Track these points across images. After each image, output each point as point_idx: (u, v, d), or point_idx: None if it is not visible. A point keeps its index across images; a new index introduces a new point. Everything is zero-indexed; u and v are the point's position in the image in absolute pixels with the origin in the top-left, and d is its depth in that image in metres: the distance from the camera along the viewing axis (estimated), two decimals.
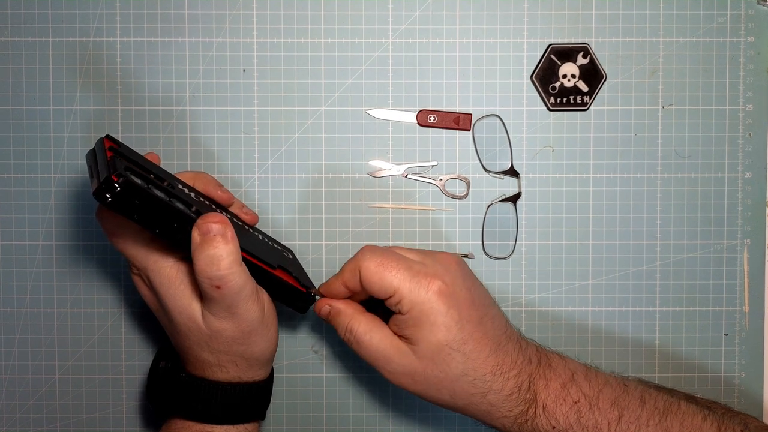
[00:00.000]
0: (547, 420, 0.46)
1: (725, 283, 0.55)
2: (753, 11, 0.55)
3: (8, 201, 0.55)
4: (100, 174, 0.41)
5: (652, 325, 0.55)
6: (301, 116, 0.55)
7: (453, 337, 0.44)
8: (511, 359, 0.46)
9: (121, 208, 0.41)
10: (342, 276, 0.47)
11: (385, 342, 0.46)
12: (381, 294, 0.45)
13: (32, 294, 0.55)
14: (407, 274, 0.45)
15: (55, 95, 0.54)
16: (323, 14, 0.54)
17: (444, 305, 0.44)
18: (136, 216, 0.41)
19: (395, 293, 0.45)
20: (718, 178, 0.55)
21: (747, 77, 0.55)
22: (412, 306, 0.44)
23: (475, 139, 0.55)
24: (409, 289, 0.44)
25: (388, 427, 0.56)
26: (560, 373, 0.47)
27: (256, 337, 0.47)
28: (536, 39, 0.55)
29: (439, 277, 0.45)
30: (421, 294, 0.44)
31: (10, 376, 0.55)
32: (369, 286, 0.45)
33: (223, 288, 0.43)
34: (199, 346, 0.46)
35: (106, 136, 0.45)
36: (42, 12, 0.54)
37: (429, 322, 0.44)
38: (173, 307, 0.46)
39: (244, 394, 0.48)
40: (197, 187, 0.49)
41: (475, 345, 0.45)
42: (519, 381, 0.45)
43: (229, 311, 0.44)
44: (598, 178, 0.55)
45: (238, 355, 0.47)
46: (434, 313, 0.44)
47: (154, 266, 0.46)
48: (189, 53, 0.54)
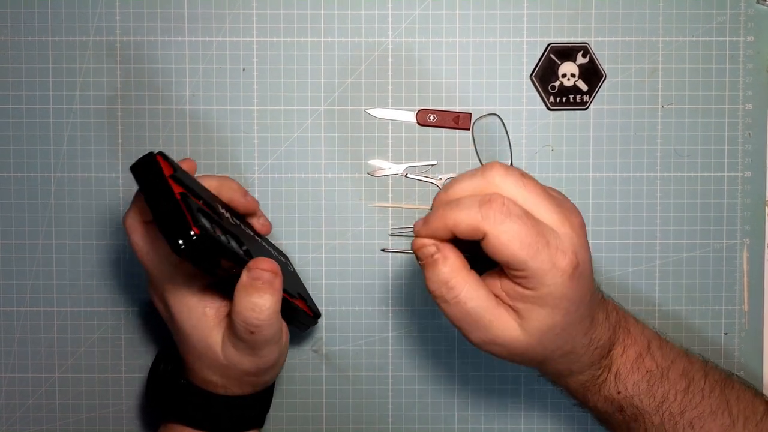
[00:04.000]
0: (616, 385, 0.44)
1: (725, 283, 0.55)
2: (752, 10, 0.55)
3: (8, 200, 0.55)
4: (172, 219, 0.37)
5: (652, 324, 0.55)
6: (301, 115, 0.55)
7: (568, 320, 0.41)
8: (601, 330, 0.43)
9: (194, 257, 0.38)
10: (456, 226, 0.39)
11: (490, 312, 0.40)
12: (507, 265, 0.39)
13: (32, 293, 0.55)
14: (544, 254, 0.39)
15: (55, 94, 0.54)
16: (323, 13, 0.54)
17: (573, 289, 0.40)
18: (203, 264, 0.39)
19: (524, 269, 0.39)
20: (718, 177, 0.55)
21: (747, 76, 0.55)
22: (539, 286, 0.39)
23: (475, 139, 0.55)
24: (542, 271, 0.39)
25: (388, 427, 0.56)
26: (637, 339, 0.45)
27: (269, 371, 0.47)
28: (536, 38, 0.55)
29: (574, 255, 0.39)
30: (555, 277, 0.39)
31: (9, 376, 0.55)
32: (493, 254, 0.39)
33: (257, 334, 0.43)
34: (210, 370, 0.46)
35: (159, 154, 0.41)
36: (42, 11, 0.54)
37: (552, 305, 0.40)
38: (191, 334, 0.45)
39: (244, 405, 0.48)
40: (222, 196, 0.48)
41: (579, 325, 0.42)
42: (603, 351, 0.44)
43: (252, 351, 0.44)
44: (598, 178, 0.55)
45: (245, 383, 0.47)
46: (560, 297, 0.40)
47: (178, 292, 0.45)
48: (189, 52, 0.54)
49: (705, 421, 0.45)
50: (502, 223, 0.38)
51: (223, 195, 0.48)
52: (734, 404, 0.46)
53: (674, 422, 0.45)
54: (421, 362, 0.56)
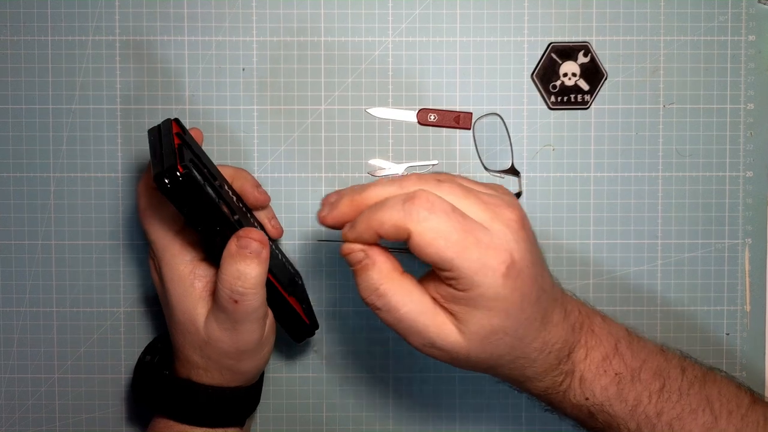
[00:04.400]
0: (582, 392, 0.42)
1: (726, 283, 0.55)
2: (754, 10, 0.54)
3: (7, 200, 0.55)
4: (164, 159, 0.41)
5: (654, 324, 0.55)
6: (301, 115, 0.55)
7: (510, 324, 0.39)
8: (556, 332, 0.41)
9: (176, 197, 0.41)
10: (380, 227, 0.38)
11: (426, 317, 0.39)
12: (434, 265, 0.38)
13: (32, 293, 0.55)
14: (473, 252, 0.37)
15: (55, 94, 0.54)
16: (323, 13, 0.54)
17: (509, 289, 0.38)
18: (185, 209, 0.42)
19: (453, 269, 0.37)
20: (720, 177, 0.55)
21: (748, 76, 0.55)
22: (471, 287, 0.37)
23: (476, 138, 0.55)
24: (472, 270, 0.37)
25: (389, 427, 0.56)
26: (603, 340, 0.42)
27: (248, 357, 0.46)
28: (537, 37, 0.54)
29: (508, 252, 0.37)
30: (487, 277, 0.37)
31: (9, 376, 0.55)
32: (419, 254, 0.37)
33: (240, 304, 0.43)
34: (191, 347, 0.46)
35: (175, 119, 0.45)
36: (41, 11, 0.54)
37: (487, 307, 0.38)
38: (177, 304, 0.46)
39: (225, 399, 0.47)
40: (235, 185, 0.49)
41: (527, 327, 0.39)
42: (560, 355, 0.41)
43: (233, 325, 0.44)
44: (599, 177, 0.55)
45: (225, 367, 0.47)
46: (496, 298, 0.38)
47: (171, 260, 0.46)
48: (188, 52, 0.54)
49: (685, 421, 0.42)
50: (426, 220, 0.37)
51: (236, 184, 0.49)
52: (716, 400, 0.43)
53: (651, 425, 0.42)
54: (422, 362, 0.55)
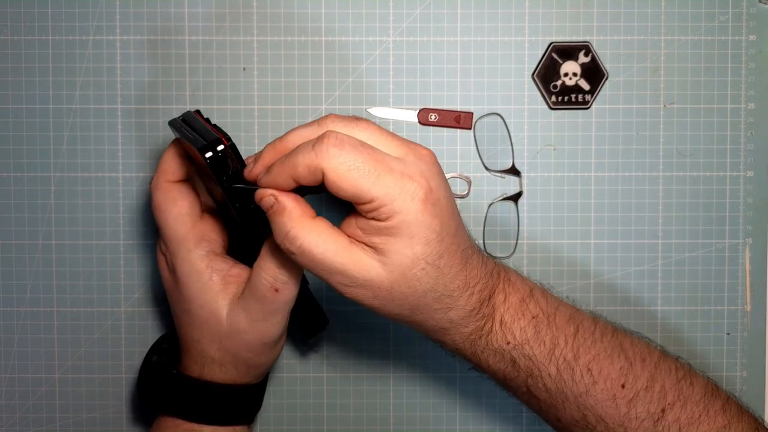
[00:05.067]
0: (503, 334, 0.43)
1: (727, 282, 0.55)
2: (754, 9, 0.55)
3: (8, 200, 0.55)
4: (206, 135, 0.42)
5: (654, 324, 0.55)
6: (302, 115, 0.54)
7: (431, 251, 0.39)
8: (477, 272, 0.42)
9: (221, 167, 0.41)
10: (294, 171, 0.39)
11: (343, 255, 0.39)
12: (353, 200, 0.39)
13: (32, 293, 0.55)
14: (388, 179, 0.38)
15: (55, 94, 0.54)
16: (323, 12, 0.54)
17: (429, 215, 0.39)
18: (227, 182, 0.42)
19: (372, 201, 0.38)
20: (720, 176, 0.55)
21: (749, 75, 0.55)
22: (392, 215, 0.38)
23: (476, 138, 0.55)
24: (390, 197, 0.38)
25: (389, 427, 0.56)
26: (519, 287, 0.44)
27: (267, 351, 0.46)
28: (537, 37, 0.54)
29: (425, 180, 0.39)
30: (406, 202, 0.38)
31: (9, 376, 0.55)
32: (337, 192, 0.38)
33: (280, 293, 0.43)
34: (209, 340, 0.46)
35: (197, 111, 0.45)
36: (41, 11, 0.54)
37: (409, 234, 0.39)
38: (195, 299, 0.45)
39: (233, 396, 0.47)
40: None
41: (448, 258, 0.40)
42: (482, 297, 0.42)
43: (265, 316, 0.44)
44: (600, 177, 0.55)
45: (242, 361, 0.46)
46: (417, 224, 0.38)
47: (187, 255, 0.45)
48: (189, 52, 0.54)
49: (602, 365, 0.44)
50: (337, 156, 0.38)
51: None
52: (629, 348, 0.45)
53: (570, 369, 0.43)
54: (422, 362, 0.55)
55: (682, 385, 0.45)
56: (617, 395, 0.44)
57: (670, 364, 0.46)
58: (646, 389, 0.44)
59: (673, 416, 0.44)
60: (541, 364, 0.43)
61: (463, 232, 0.42)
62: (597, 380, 0.44)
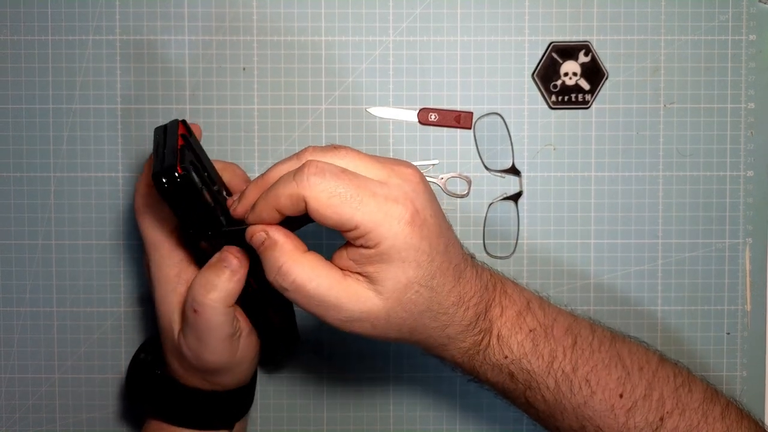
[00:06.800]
0: (501, 349, 0.43)
1: (727, 282, 0.55)
2: (754, 9, 0.55)
3: (7, 200, 0.55)
4: (165, 159, 0.40)
5: (654, 324, 0.55)
6: (302, 115, 0.54)
7: (423, 274, 0.39)
8: (471, 287, 0.42)
9: (171, 197, 0.40)
10: (277, 202, 0.38)
11: (338, 289, 0.39)
12: (338, 228, 0.38)
13: (32, 293, 0.55)
14: (372, 204, 0.37)
15: (55, 94, 0.54)
16: (323, 12, 0.54)
17: (417, 237, 0.38)
18: (180, 211, 0.41)
19: (357, 227, 0.37)
20: (720, 176, 0.55)
21: (749, 75, 0.55)
22: (380, 240, 0.38)
23: (476, 138, 0.55)
24: (376, 223, 0.37)
25: (389, 427, 0.56)
26: (516, 300, 0.44)
27: (221, 374, 0.46)
28: (537, 37, 0.54)
29: (409, 202, 0.38)
30: (393, 227, 0.37)
31: (9, 376, 0.55)
32: (321, 220, 0.38)
33: (199, 315, 0.42)
34: (171, 353, 0.46)
35: (182, 121, 0.44)
36: (41, 11, 0.54)
37: (400, 258, 0.38)
38: (159, 306, 0.46)
39: (209, 401, 0.47)
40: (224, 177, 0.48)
41: (441, 278, 0.40)
42: (477, 310, 0.42)
43: (197, 340, 0.44)
44: (600, 177, 0.55)
45: (201, 378, 0.46)
46: (407, 248, 0.38)
47: (160, 260, 0.45)
48: (189, 51, 0.54)
49: (600, 375, 0.44)
50: (318, 184, 0.37)
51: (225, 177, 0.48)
52: (627, 356, 0.45)
53: (569, 381, 0.43)
54: (422, 362, 0.55)
55: (681, 393, 0.45)
56: (615, 405, 0.44)
57: (668, 370, 0.46)
58: (644, 398, 0.44)
59: (671, 424, 0.44)
60: (540, 377, 0.43)
61: (454, 247, 0.41)
62: (595, 391, 0.44)
